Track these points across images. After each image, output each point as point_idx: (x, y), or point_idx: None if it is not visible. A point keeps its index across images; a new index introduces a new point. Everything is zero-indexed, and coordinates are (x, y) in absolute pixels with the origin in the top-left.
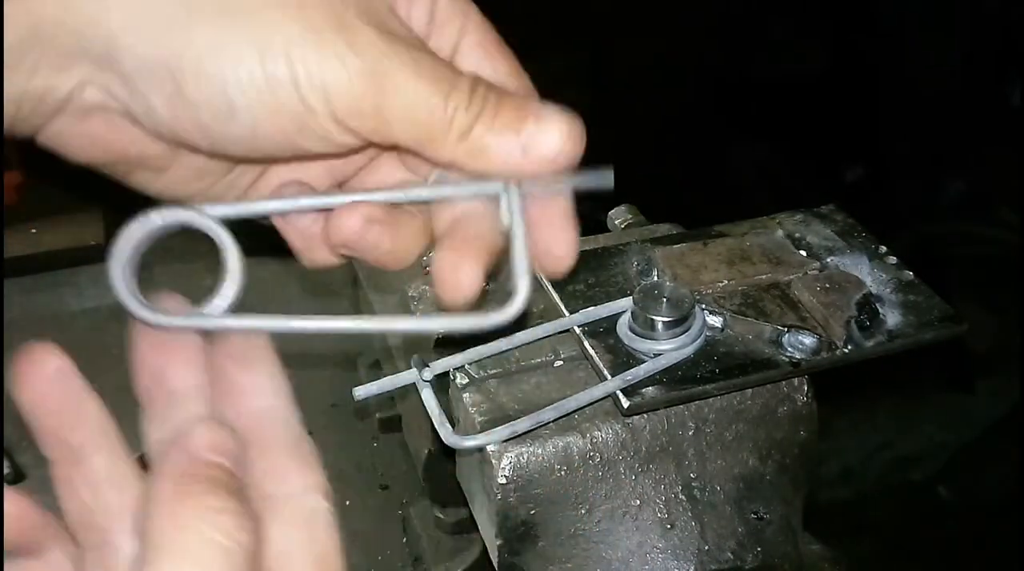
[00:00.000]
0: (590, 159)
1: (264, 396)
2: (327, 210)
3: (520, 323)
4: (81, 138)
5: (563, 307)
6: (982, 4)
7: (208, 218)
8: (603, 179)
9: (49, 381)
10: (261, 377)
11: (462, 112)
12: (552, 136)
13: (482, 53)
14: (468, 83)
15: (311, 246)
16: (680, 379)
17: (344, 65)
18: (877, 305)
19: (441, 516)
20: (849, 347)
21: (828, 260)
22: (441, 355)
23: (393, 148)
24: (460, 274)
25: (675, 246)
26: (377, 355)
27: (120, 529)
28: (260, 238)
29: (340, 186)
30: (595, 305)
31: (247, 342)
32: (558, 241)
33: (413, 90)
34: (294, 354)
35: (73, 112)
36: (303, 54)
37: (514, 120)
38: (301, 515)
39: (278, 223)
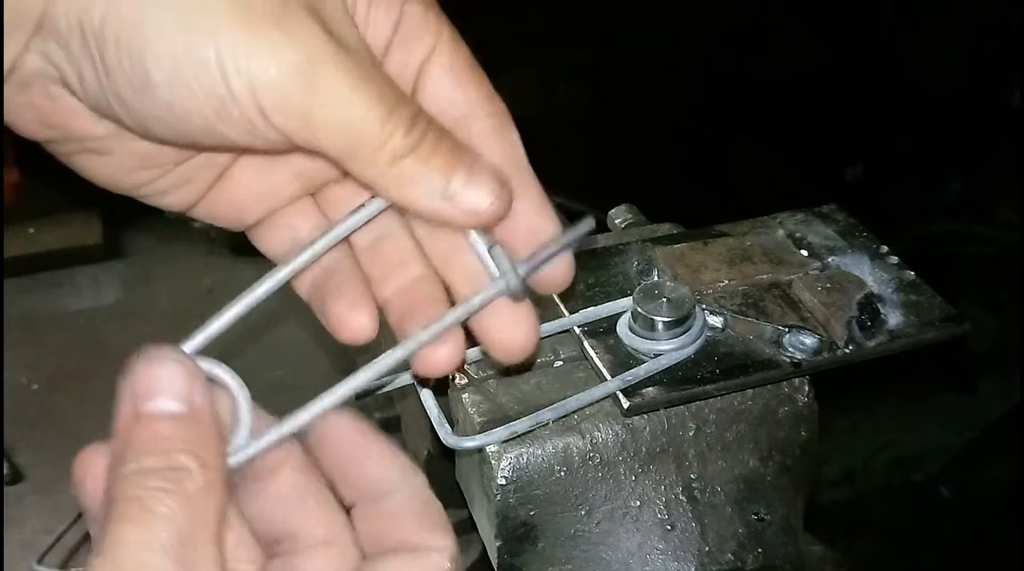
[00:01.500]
0: (592, 158)
1: (388, 463)
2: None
3: None
4: (25, 109)
5: (563, 307)
6: (982, 4)
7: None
8: (584, 227)
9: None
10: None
11: (399, 137)
12: (480, 193)
13: (452, 79)
14: (411, 110)
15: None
16: (680, 379)
17: (276, 57)
18: (878, 305)
19: None
20: (850, 347)
21: (829, 260)
22: None
23: (316, 155)
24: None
25: (675, 246)
26: (376, 356)
27: None
28: None
29: (313, 195)
30: (595, 305)
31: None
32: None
33: (349, 99)
34: (292, 354)
35: (17, 82)
36: (232, 38)
37: (448, 163)
38: (423, 567)
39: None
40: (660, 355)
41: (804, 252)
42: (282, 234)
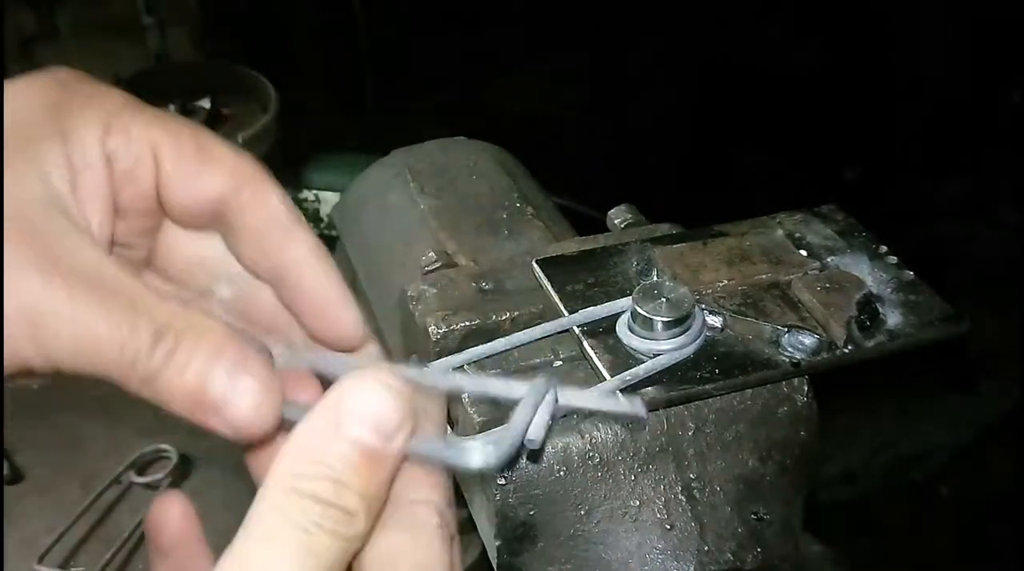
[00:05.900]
0: (593, 158)
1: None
2: None
3: (520, 323)
4: None
5: (562, 307)
6: (982, 4)
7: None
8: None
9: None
10: None
11: (143, 359)
12: (241, 405)
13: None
14: (153, 323)
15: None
16: (680, 379)
17: None
18: (877, 305)
19: None
20: (849, 347)
21: (828, 260)
22: (440, 356)
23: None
24: None
25: (675, 246)
26: None
27: None
28: None
29: None
30: (595, 305)
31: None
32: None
33: (82, 324)
34: None
35: None
36: None
37: (198, 379)
38: (411, 521)
39: None
40: (659, 355)
41: (803, 252)
42: None
